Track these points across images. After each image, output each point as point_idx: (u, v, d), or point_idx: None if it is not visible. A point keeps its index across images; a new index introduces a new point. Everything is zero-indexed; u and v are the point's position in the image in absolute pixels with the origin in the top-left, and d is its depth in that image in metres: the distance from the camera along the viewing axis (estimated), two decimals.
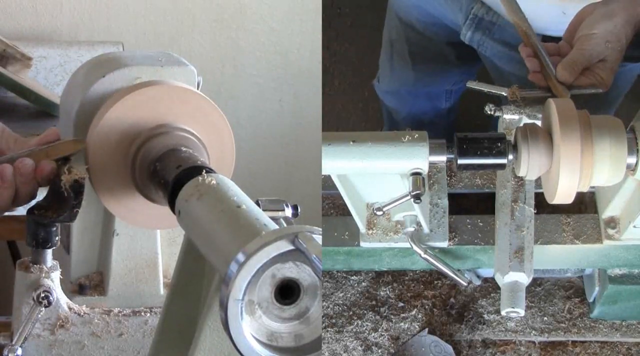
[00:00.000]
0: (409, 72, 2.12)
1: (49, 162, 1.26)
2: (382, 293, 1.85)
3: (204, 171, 1.18)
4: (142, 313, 1.42)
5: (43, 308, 1.34)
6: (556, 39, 1.55)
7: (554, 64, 1.47)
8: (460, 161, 1.35)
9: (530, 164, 1.33)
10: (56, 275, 1.36)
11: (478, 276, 1.84)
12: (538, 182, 1.54)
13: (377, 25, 2.27)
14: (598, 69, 1.46)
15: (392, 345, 1.79)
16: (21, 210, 1.32)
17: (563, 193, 1.31)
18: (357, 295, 1.85)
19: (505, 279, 1.55)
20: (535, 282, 1.84)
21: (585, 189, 1.32)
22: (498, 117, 1.52)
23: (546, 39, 1.67)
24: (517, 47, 1.51)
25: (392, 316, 1.82)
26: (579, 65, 1.45)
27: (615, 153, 1.30)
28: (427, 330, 1.80)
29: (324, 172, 1.42)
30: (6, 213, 1.81)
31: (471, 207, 1.75)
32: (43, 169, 1.26)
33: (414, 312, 1.82)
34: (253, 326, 1.01)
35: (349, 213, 1.61)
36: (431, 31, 2.01)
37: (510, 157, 1.35)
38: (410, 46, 2.08)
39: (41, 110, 2.31)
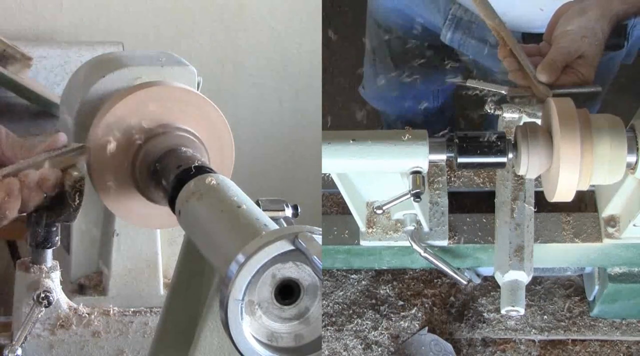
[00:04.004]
0: (393, 77, 2.12)
1: (54, 171, 1.25)
2: (382, 291, 1.85)
3: (204, 171, 1.19)
4: (142, 313, 1.43)
5: (43, 308, 1.34)
6: (538, 36, 1.56)
7: (535, 64, 1.47)
8: (460, 160, 1.35)
9: (530, 163, 1.33)
10: (56, 275, 1.36)
11: (478, 275, 1.84)
12: (538, 181, 1.54)
13: None
14: (578, 66, 1.46)
15: (392, 344, 1.79)
16: None
17: (563, 192, 1.32)
18: (357, 293, 1.85)
19: (505, 278, 1.55)
20: (535, 281, 1.84)
21: (585, 188, 1.32)
22: (497, 116, 1.52)
23: (527, 36, 1.67)
24: (498, 44, 1.51)
25: (392, 315, 1.82)
26: (558, 64, 1.45)
27: (615, 151, 1.30)
28: (427, 328, 1.80)
29: (324, 170, 1.42)
30: None
31: (471, 206, 1.75)
32: (49, 179, 1.25)
33: (413, 311, 1.82)
34: (253, 327, 1.01)
35: (349, 212, 1.61)
36: (411, 34, 2.01)
37: (510, 155, 1.35)
38: (392, 51, 2.08)
39: (41, 110, 2.31)
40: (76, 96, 1.37)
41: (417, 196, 1.38)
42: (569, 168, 1.29)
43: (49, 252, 1.35)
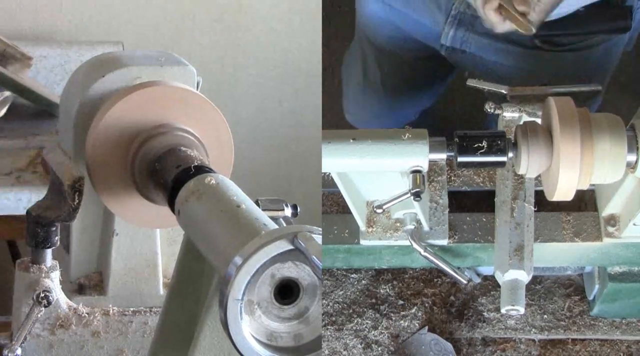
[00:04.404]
0: (383, 103, 2.13)
1: None
2: (382, 291, 1.85)
3: (204, 171, 1.19)
4: (142, 313, 1.43)
5: (43, 308, 1.34)
6: None
7: None
8: (460, 159, 1.35)
9: (530, 162, 1.33)
10: (56, 275, 1.36)
11: (478, 274, 1.84)
12: (538, 180, 1.54)
13: None
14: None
15: (392, 343, 1.79)
16: (21, 210, 1.32)
17: (563, 191, 1.32)
18: (357, 293, 1.85)
19: (505, 277, 1.55)
20: (535, 280, 1.84)
21: (585, 187, 1.32)
22: (497, 115, 1.52)
23: None
24: (501, 37, 1.53)
25: (392, 314, 1.82)
26: None
27: (615, 150, 1.30)
28: (427, 328, 1.80)
29: (324, 170, 1.42)
30: (7, 213, 1.81)
31: (471, 205, 1.75)
32: None
33: (413, 310, 1.82)
34: (252, 326, 1.01)
35: (349, 211, 1.61)
36: (402, 48, 2.01)
37: (510, 154, 1.35)
38: (382, 72, 2.08)
39: (41, 110, 2.31)
40: (76, 96, 1.37)
41: (417, 195, 1.38)
42: (569, 167, 1.29)
43: (49, 252, 1.35)
